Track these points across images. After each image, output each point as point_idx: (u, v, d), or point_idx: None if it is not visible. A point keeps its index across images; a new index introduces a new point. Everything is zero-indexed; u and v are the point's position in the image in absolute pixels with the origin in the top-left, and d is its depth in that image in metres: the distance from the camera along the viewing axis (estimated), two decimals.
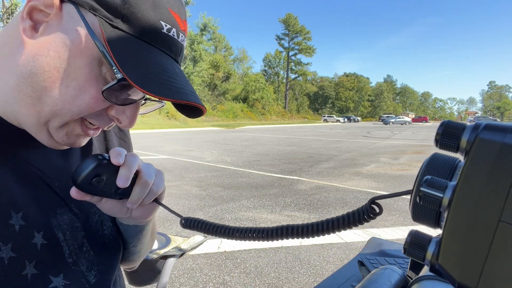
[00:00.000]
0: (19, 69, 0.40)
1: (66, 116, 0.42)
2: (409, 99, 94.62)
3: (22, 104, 0.41)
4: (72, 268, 0.49)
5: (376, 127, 35.63)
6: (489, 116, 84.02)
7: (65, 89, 0.40)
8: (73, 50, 0.39)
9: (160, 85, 0.39)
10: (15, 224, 0.43)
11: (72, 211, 0.50)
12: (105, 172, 0.44)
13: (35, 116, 0.42)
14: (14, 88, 0.41)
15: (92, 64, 0.40)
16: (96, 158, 0.44)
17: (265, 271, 2.67)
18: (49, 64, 0.39)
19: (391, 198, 0.35)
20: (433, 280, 0.40)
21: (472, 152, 0.22)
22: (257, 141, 14.82)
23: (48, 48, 0.39)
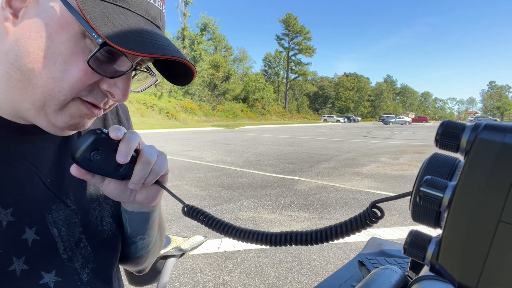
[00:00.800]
0: (5, 56, 0.41)
1: (59, 94, 0.41)
2: (409, 99, 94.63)
3: (15, 90, 0.42)
4: (66, 265, 0.49)
5: (376, 127, 35.63)
6: (489, 116, 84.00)
7: (52, 66, 0.40)
8: (53, 27, 0.39)
9: (141, 43, 0.39)
10: (3, 220, 0.43)
11: (69, 207, 0.50)
12: (104, 146, 0.44)
13: (29, 100, 0.42)
14: (3, 76, 0.42)
15: (75, 38, 0.40)
16: (94, 132, 0.43)
17: (265, 271, 2.67)
18: (32, 45, 0.40)
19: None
20: (433, 280, 0.40)
21: (472, 152, 0.22)
22: (257, 141, 14.82)
23: (30, 30, 0.40)
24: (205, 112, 36.09)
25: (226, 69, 44.95)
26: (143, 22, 0.42)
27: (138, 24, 0.41)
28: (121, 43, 0.38)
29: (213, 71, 42.03)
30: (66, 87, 0.41)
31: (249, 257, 2.92)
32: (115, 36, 0.38)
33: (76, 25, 0.39)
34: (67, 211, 0.50)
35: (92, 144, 0.42)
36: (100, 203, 0.55)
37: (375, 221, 0.36)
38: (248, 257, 2.92)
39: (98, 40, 0.38)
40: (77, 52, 0.40)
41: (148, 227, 0.59)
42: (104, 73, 0.42)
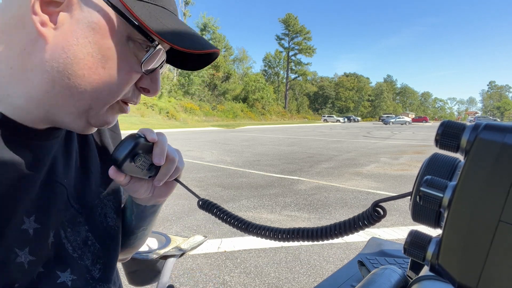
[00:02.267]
0: (49, 64, 0.39)
1: (107, 98, 0.43)
2: (409, 99, 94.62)
3: (59, 97, 0.41)
4: (78, 263, 0.49)
5: (376, 127, 35.62)
6: (489, 116, 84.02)
7: (102, 71, 0.41)
8: (101, 32, 0.40)
9: (189, 39, 0.43)
10: (29, 228, 0.43)
11: (73, 207, 0.50)
12: (142, 149, 0.47)
13: (74, 106, 0.42)
14: (45, 84, 0.40)
15: (122, 42, 0.41)
16: (134, 137, 0.47)
17: (265, 271, 2.67)
18: (82, 51, 0.39)
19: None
20: (433, 280, 0.40)
21: (472, 152, 0.22)
22: (257, 141, 14.82)
23: (76, 36, 0.39)
24: (205, 112, 36.08)
25: (226, 69, 44.95)
26: (175, 17, 0.45)
27: (176, 21, 0.44)
28: (177, 42, 0.40)
29: (213, 71, 42.03)
30: (115, 90, 0.43)
31: (249, 257, 2.92)
32: (168, 35, 0.40)
33: (122, 28, 0.41)
34: (72, 210, 0.50)
35: (133, 148, 0.46)
36: (102, 200, 0.56)
37: (377, 220, 0.36)
38: (248, 257, 2.92)
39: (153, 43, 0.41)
40: (124, 56, 0.42)
41: (153, 218, 0.63)
42: (146, 71, 0.44)
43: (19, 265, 0.41)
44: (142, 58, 0.43)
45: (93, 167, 0.56)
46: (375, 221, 0.36)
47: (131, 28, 0.41)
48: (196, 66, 0.52)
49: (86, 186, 0.54)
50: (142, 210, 0.59)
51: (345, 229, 0.39)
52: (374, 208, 0.36)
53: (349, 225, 0.38)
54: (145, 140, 0.48)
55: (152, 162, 0.49)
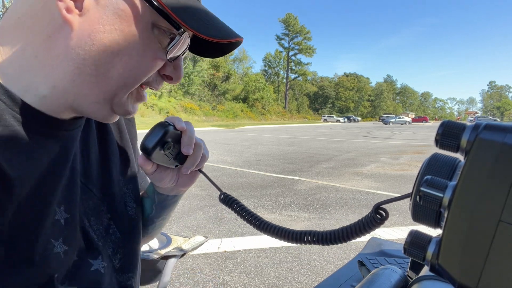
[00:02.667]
0: (76, 51, 0.39)
1: (133, 84, 0.43)
2: (409, 99, 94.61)
3: (84, 85, 0.41)
4: (105, 251, 0.50)
5: (376, 127, 35.62)
6: (489, 116, 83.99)
7: (127, 58, 0.41)
8: (127, 19, 0.39)
9: (216, 28, 0.43)
10: (60, 218, 0.43)
11: (96, 195, 0.51)
12: (171, 138, 0.48)
13: (100, 93, 0.42)
14: (71, 72, 0.40)
15: (147, 29, 0.41)
16: (164, 124, 0.47)
17: (265, 271, 2.67)
18: (108, 38, 0.39)
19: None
20: (433, 280, 0.40)
21: (472, 152, 0.22)
22: (257, 141, 14.81)
23: (103, 23, 0.39)
24: (205, 112, 36.08)
25: (226, 69, 44.95)
26: (199, 4, 0.44)
27: (199, 6, 0.44)
28: (202, 30, 0.41)
29: (213, 71, 42.04)
30: (140, 77, 0.43)
31: (249, 257, 2.92)
32: (194, 22, 0.40)
33: (147, 15, 0.40)
34: (95, 199, 0.50)
35: (163, 136, 0.46)
36: (121, 188, 0.56)
37: (380, 223, 0.36)
38: (248, 257, 2.92)
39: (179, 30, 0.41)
40: (149, 43, 0.42)
41: (173, 208, 0.64)
42: (170, 58, 0.44)
43: (56, 255, 0.42)
44: (167, 45, 0.43)
45: (112, 155, 0.56)
46: (378, 224, 0.36)
47: (156, 15, 0.40)
48: (216, 54, 0.51)
49: (106, 175, 0.54)
50: (163, 199, 0.60)
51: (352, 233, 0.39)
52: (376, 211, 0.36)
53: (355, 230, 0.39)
54: (174, 128, 0.48)
55: (180, 151, 0.50)
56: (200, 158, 0.53)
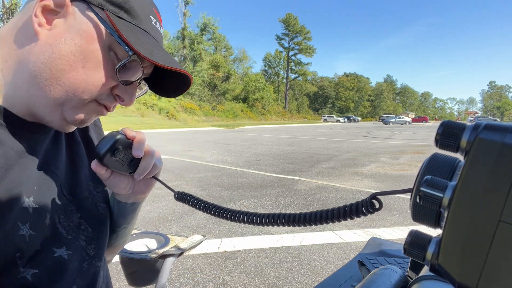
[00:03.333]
0: (36, 57, 0.46)
1: (83, 94, 0.48)
2: (409, 99, 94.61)
3: (39, 87, 0.46)
4: (73, 242, 0.54)
5: (376, 127, 35.62)
6: (489, 116, 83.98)
7: (81, 70, 0.47)
8: (87, 38, 0.46)
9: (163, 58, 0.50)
10: (28, 207, 0.48)
11: (65, 196, 0.55)
12: (122, 145, 0.52)
13: (51, 97, 0.47)
14: (29, 74, 0.46)
15: (104, 49, 0.48)
16: (115, 133, 0.52)
17: (265, 271, 2.67)
18: (66, 49, 0.46)
19: (392, 195, 0.36)
20: (433, 280, 0.40)
21: (472, 152, 0.22)
22: (257, 141, 14.82)
23: (64, 37, 0.46)
24: (205, 112, 36.07)
25: (226, 69, 44.93)
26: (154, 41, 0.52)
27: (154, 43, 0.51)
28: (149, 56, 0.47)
29: (213, 71, 42.02)
30: (91, 89, 0.48)
31: (249, 257, 2.92)
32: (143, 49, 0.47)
33: (106, 38, 0.47)
34: (64, 199, 0.55)
35: (114, 143, 0.51)
36: (91, 192, 0.61)
37: (371, 212, 0.37)
38: (248, 257, 2.92)
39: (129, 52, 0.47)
40: (103, 61, 0.48)
41: (134, 216, 0.69)
42: (122, 81, 0.50)
43: (21, 237, 0.46)
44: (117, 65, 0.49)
45: (81, 161, 0.61)
46: (369, 212, 0.37)
47: (112, 39, 0.47)
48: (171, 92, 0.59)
49: (75, 179, 0.59)
50: (122, 207, 0.65)
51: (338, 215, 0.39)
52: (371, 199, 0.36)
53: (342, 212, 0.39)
54: (125, 137, 0.53)
55: (132, 158, 0.54)
56: (152, 163, 0.57)
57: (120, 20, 0.48)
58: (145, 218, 3.85)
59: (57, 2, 0.46)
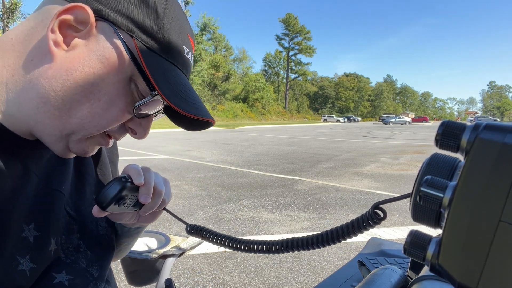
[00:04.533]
0: (48, 81, 0.40)
1: (92, 129, 0.43)
2: (409, 99, 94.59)
3: (47, 115, 0.41)
4: (73, 266, 0.50)
5: (376, 127, 35.61)
6: (489, 116, 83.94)
7: (96, 103, 0.41)
8: (108, 67, 0.41)
9: (188, 103, 0.44)
10: (29, 236, 0.43)
11: (68, 214, 0.51)
12: (128, 193, 0.47)
13: (58, 127, 0.42)
14: (38, 98, 0.40)
15: (125, 81, 0.42)
16: (120, 181, 0.46)
17: (265, 271, 2.67)
18: (83, 79, 0.40)
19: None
20: (433, 280, 0.40)
21: (472, 152, 0.22)
22: (257, 141, 14.81)
23: (83, 64, 0.40)
24: None
25: (226, 69, 44.93)
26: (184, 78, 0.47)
27: (183, 81, 0.46)
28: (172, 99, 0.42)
29: (213, 71, 42.01)
30: (103, 124, 0.43)
31: (249, 257, 2.92)
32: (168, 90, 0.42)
33: (128, 69, 0.42)
34: (67, 218, 0.50)
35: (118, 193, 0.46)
36: None
37: (377, 222, 0.36)
38: (248, 257, 2.92)
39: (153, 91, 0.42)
40: (122, 94, 0.43)
41: (137, 236, 0.65)
42: (138, 114, 0.45)
43: (21, 272, 0.41)
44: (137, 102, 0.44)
45: (88, 175, 0.56)
46: (375, 223, 0.36)
47: (136, 72, 0.42)
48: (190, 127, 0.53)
49: (81, 194, 0.54)
50: (127, 230, 0.61)
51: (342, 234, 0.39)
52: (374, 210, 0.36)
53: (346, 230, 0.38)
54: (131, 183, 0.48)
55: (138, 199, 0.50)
56: (159, 203, 0.52)
57: (148, 53, 0.42)
58: None
59: (79, 18, 0.39)
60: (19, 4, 26.87)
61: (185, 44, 0.47)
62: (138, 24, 0.41)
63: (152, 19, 0.42)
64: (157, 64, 0.42)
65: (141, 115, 0.45)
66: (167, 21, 0.44)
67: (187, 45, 0.47)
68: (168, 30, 0.43)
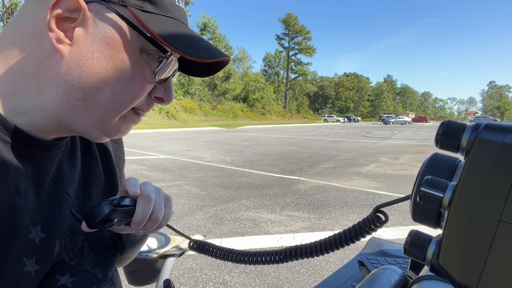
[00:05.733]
0: (65, 78, 0.40)
1: (121, 108, 0.44)
2: (409, 99, 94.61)
3: (73, 109, 0.42)
4: (77, 268, 0.49)
5: (376, 127, 35.61)
6: (489, 116, 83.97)
7: (116, 84, 0.42)
8: (115, 46, 0.41)
9: (202, 49, 0.44)
10: (35, 237, 0.43)
11: (74, 216, 0.51)
12: (119, 215, 0.46)
13: (88, 117, 0.43)
14: (60, 96, 0.41)
15: (135, 54, 0.42)
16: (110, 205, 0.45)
17: (265, 271, 2.67)
18: (97, 65, 0.40)
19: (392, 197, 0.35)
20: (433, 280, 0.40)
21: (472, 152, 0.22)
22: (257, 141, 14.81)
23: (92, 51, 0.40)
24: (205, 112, 36.07)
25: (226, 68, 44.90)
26: (185, 27, 0.46)
27: (186, 31, 0.45)
28: (191, 53, 0.42)
29: None
30: (128, 101, 0.44)
31: None
32: (181, 47, 0.42)
33: (135, 41, 0.41)
34: (72, 220, 0.50)
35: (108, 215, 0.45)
36: None
37: (379, 226, 0.36)
38: None
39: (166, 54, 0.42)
40: (137, 68, 0.43)
41: (142, 243, 0.65)
42: (159, 80, 0.45)
43: (26, 274, 0.41)
44: (155, 69, 0.44)
45: (95, 177, 0.56)
46: (378, 227, 0.36)
47: (143, 40, 0.41)
48: (205, 73, 0.53)
49: (87, 195, 0.54)
50: (131, 239, 0.60)
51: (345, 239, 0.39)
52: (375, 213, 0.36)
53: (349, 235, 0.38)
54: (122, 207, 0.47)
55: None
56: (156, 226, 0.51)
57: (147, 15, 0.41)
58: None
59: (70, 7, 0.39)
60: (19, 4, 26.86)
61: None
62: None
63: None
64: (159, 24, 0.42)
65: (162, 80, 0.46)
66: None
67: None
68: None
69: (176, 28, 0.43)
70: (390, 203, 0.34)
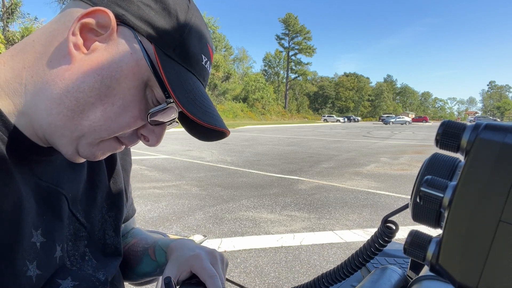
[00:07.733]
0: (65, 82, 0.40)
1: (103, 132, 0.42)
2: (409, 99, 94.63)
3: (60, 116, 0.41)
4: (79, 273, 0.49)
5: (376, 127, 35.61)
6: (489, 116, 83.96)
7: (110, 107, 0.41)
8: (125, 72, 0.41)
9: (204, 112, 0.44)
10: (36, 242, 0.43)
11: (78, 220, 0.51)
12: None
13: (70, 129, 0.42)
14: (53, 99, 0.40)
15: (140, 86, 0.42)
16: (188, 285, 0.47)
17: (265, 271, 2.67)
18: (100, 82, 0.40)
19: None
20: (433, 280, 0.40)
21: (473, 152, 0.22)
22: (257, 141, 14.81)
23: (101, 67, 0.40)
24: None
25: (226, 69, 44.92)
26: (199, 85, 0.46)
27: (200, 90, 0.46)
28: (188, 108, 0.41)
29: (213, 71, 41.99)
30: (114, 128, 0.43)
31: (249, 257, 2.92)
32: (184, 99, 0.42)
33: (145, 75, 0.42)
34: (76, 224, 0.50)
35: None
36: (103, 215, 0.57)
37: (391, 237, 0.36)
38: (248, 257, 2.92)
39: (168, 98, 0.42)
40: (136, 100, 0.42)
41: None
42: (151, 121, 0.44)
43: (28, 279, 0.41)
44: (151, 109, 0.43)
45: (100, 182, 0.56)
46: (390, 237, 0.36)
47: (153, 78, 0.42)
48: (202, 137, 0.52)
49: (92, 201, 0.54)
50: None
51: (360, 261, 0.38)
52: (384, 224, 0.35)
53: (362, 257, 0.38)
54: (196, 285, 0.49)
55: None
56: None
57: (167, 59, 0.42)
58: (145, 217, 3.85)
59: (101, 22, 0.40)
60: (19, 4, 26.85)
61: (204, 53, 0.46)
62: (159, 30, 0.41)
63: (173, 26, 0.42)
64: (174, 71, 0.42)
65: (155, 122, 0.45)
66: (187, 29, 0.44)
67: (206, 54, 0.47)
68: (188, 38, 0.43)
69: (188, 82, 0.44)
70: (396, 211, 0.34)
